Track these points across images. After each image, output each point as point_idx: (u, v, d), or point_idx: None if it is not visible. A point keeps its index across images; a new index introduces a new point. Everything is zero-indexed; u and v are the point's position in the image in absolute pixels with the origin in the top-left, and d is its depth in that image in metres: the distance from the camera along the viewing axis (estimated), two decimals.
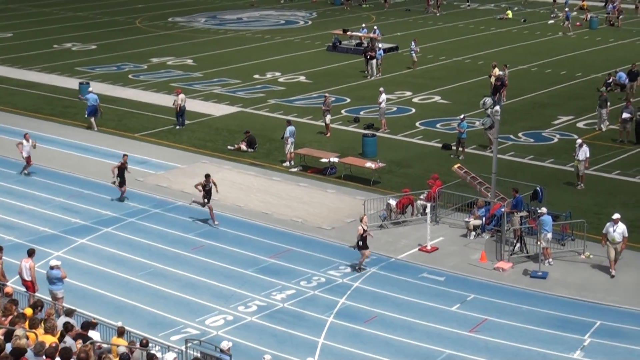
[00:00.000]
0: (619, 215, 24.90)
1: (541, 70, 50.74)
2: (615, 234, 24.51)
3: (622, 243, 24.64)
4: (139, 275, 25.07)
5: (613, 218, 24.83)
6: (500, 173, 29.18)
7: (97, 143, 37.19)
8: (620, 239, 24.57)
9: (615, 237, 24.50)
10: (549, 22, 67.76)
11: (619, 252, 24.68)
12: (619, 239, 24.53)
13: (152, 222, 29.04)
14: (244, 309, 23.01)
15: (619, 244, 24.57)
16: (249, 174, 33.40)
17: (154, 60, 54.21)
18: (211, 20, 70.18)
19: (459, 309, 22.98)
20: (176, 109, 39.43)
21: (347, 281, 24.59)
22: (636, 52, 55.23)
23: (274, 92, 45.98)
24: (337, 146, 36.22)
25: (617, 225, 24.62)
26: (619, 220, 24.75)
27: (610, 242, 24.56)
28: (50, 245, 27.01)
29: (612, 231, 24.55)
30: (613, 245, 24.55)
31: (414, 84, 47.31)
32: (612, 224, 24.69)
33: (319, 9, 76.10)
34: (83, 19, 70.98)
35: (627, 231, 24.73)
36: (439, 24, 67.58)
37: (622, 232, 24.62)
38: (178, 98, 39.31)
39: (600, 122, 38.38)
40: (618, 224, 24.65)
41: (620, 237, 24.55)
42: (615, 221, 24.70)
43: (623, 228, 24.66)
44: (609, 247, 24.61)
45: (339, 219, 28.88)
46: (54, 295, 21.98)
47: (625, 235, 24.65)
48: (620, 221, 24.75)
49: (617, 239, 24.50)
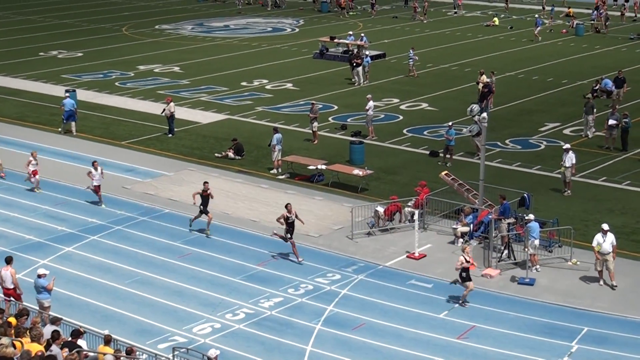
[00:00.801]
0: (606, 226, 24.71)
1: (528, 77, 50.91)
2: (606, 244, 24.29)
3: (612, 253, 24.40)
4: (126, 283, 24.95)
5: (603, 229, 24.64)
6: (488, 180, 29.21)
7: (84, 151, 37.06)
8: (610, 249, 24.35)
9: (605, 247, 24.27)
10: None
11: (611, 262, 24.33)
12: (609, 249, 24.31)
13: (139, 229, 28.93)
14: (231, 317, 22.93)
15: (609, 254, 24.31)
16: (237, 182, 33.34)
17: (140, 68, 54.12)
18: (198, 28, 70.15)
19: (447, 316, 22.97)
20: (167, 116, 39.36)
21: (335, 288, 24.55)
22: (622, 59, 55.53)
23: (261, 100, 45.97)
24: (324, 153, 36.20)
25: (606, 236, 24.40)
26: (608, 231, 24.53)
27: (600, 253, 24.30)
28: (36, 253, 26.86)
29: (602, 242, 24.30)
30: (603, 257, 24.30)
31: (402, 91, 47.37)
32: (602, 234, 24.45)
33: (306, 16, 76.20)
34: (69, 26, 70.84)
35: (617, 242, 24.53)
36: (425, 31, 67.76)
37: (612, 242, 24.41)
38: (169, 106, 39.23)
39: (587, 129, 38.52)
40: (607, 234, 24.45)
41: (609, 247, 24.34)
42: (605, 232, 24.48)
43: (612, 238, 24.41)
44: (598, 259, 24.35)
45: (326, 226, 28.84)
46: (41, 304, 21.83)
47: (614, 244, 24.47)
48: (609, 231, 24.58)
49: (608, 250, 24.29)
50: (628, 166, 34.69)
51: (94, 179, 30.56)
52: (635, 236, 27.82)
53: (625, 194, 31.80)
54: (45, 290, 21.87)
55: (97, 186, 30.70)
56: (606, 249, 24.30)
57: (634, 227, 28.57)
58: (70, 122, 39.96)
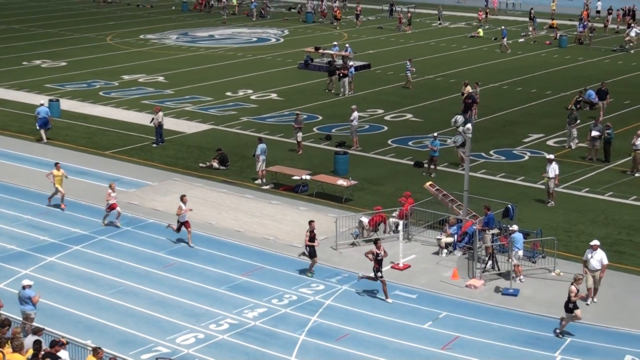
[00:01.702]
0: (597, 242, 24.17)
1: (512, 89, 51.14)
2: (593, 260, 23.81)
3: (601, 271, 23.88)
4: (109, 293, 24.82)
5: (591, 244, 24.12)
6: (472, 191, 29.28)
7: (67, 160, 36.84)
8: (599, 267, 23.82)
9: (593, 264, 23.86)
10: (519, 41, 68.38)
11: (597, 280, 23.90)
12: (597, 266, 23.79)
13: (123, 239, 28.80)
14: (215, 327, 22.84)
15: (597, 271, 23.85)
16: (221, 192, 33.27)
17: (125, 78, 54.01)
18: (183, 38, 70.10)
19: (431, 327, 22.97)
20: (155, 126, 39.27)
21: (319, 299, 24.50)
22: (605, 70, 55.91)
23: (246, 110, 45.94)
24: (309, 164, 36.19)
25: (596, 252, 23.86)
26: (598, 247, 23.98)
27: (589, 269, 23.92)
28: (18, 263, 26.68)
29: (590, 258, 23.90)
30: (592, 273, 23.92)
31: (386, 102, 47.46)
32: (591, 250, 23.93)
33: (291, 26, 76.29)
34: (53, 35, 70.65)
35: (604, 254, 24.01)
36: (410, 41, 67.98)
37: (601, 260, 23.82)
38: (158, 116, 39.14)
39: (570, 140, 38.69)
40: (597, 250, 23.89)
41: (598, 264, 23.80)
42: (594, 248, 23.92)
43: (602, 255, 23.87)
44: (587, 275, 23.90)
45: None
46: (26, 316, 21.59)
47: (605, 263, 23.87)
48: (600, 247, 24.02)
49: (595, 267, 23.82)
50: (611, 177, 34.87)
51: (182, 213, 28.12)
52: (617, 247, 27.93)
53: (608, 204, 31.95)
54: (31, 302, 21.68)
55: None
56: (594, 265, 23.83)
57: (616, 238, 28.69)
58: (45, 129, 40.27)
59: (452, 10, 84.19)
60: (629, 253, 27.51)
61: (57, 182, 31.25)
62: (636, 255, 27.39)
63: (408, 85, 50.80)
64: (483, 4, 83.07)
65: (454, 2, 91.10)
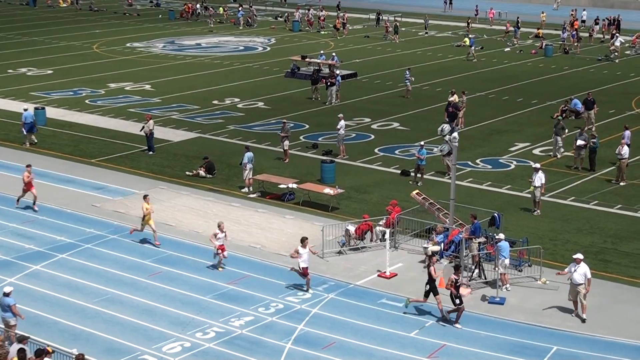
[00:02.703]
0: (580, 256, 23.83)
1: (498, 97, 51.34)
2: (577, 274, 23.44)
3: (587, 285, 23.37)
4: (95, 301, 24.72)
5: (574, 257, 23.80)
6: (459, 199, 29.35)
7: (53, 168, 36.80)
8: (582, 281, 23.39)
9: (576, 277, 23.48)
10: (505, 50, 68.66)
11: (583, 295, 23.43)
12: (579, 280, 23.39)
13: (109, 248, 28.70)
14: (201, 336, 22.78)
15: (580, 285, 23.45)
16: (208, 200, 33.22)
17: (111, 86, 53.92)
18: (169, 46, 70.06)
19: (418, 335, 22.98)
20: (146, 134, 39.20)
21: (306, 307, 24.48)
22: (590, 80, 56.21)
23: (232, 118, 45.93)
24: (295, 172, 36.20)
25: (579, 266, 23.49)
26: (582, 261, 23.61)
27: (572, 283, 23.65)
28: (3, 271, 26.54)
29: (573, 271, 23.56)
30: (575, 287, 23.57)
31: (373, 111, 47.54)
32: (574, 264, 23.60)
33: (278, 35, 76.37)
34: (39, 43, 70.47)
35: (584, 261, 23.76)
36: (397, 51, 68.15)
37: (584, 274, 23.41)
38: (149, 124, 39.07)
39: (556, 150, 38.84)
40: (580, 264, 23.52)
41: (581, 278, 23.38)
42: (577, 261, 23.57)
43: (585, 269, 23.50)
44: (570, 288, 23.72)
45: (297, 245, 28.71)
46: (6, 323, 21.54)
47: (588, 277, 23.43)
48: (583, 261, 23.67)
49: (578, 280, 23.43)
50: (596, 186, 35.01)
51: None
52: (602, 256, 28.03)
53: (593, 213, 32.07)
54: (11, 309, 21.57)
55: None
56: (577, 279, 23.50)
57: (601, 247, 28.80)
58: (32, 132, 40.57)
59: (438, 20, 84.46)
60: (614, 262, 27.62)
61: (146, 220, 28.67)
62: (621, 263, 27.51)
63: (407, 95, 50.69)
64: (473, 14, 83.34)
65: (441, 12, 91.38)
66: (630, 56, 66.77)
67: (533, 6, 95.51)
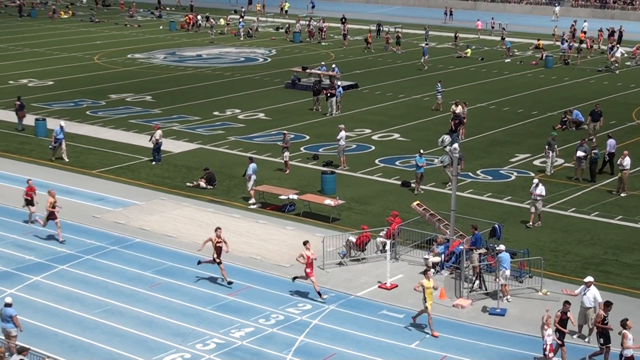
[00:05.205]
0: (591, 279, 23.49)
1: (499, 108, 51.38)
2: (586, 297, 23.07)
3: (599, 310, 22.19)
4: (95, 313, 24.69)
5: (585, 281, 23.39)
6: (459, 210, 29.34)
7: (54, 180, 36.77)
8: (591, 305, 22.94)
9: (585, 301, 23.07)
10: (505, 61, 68.75)
11: (591, 320, 22.85)
12: (588, 303, 23.00)
13: (109, 259, 28.69)
14: (202, 347, 22.75)
15: (590, 309, 23.00)
16: (208, 211, 33.20)
17: (112, 97, 53.97)
18: (170, 57, 70.14)
19: (418, 346, 22.94)
20: (153, 144, 39.24)
21: (306, 319, 24.44)
22: (591, 91, 56.27)
23: (233, 129, 45.95)
24: (296, 183, 36.20)
25: (589, 289, 23.11)
26: (592, 284, 23.20)
27: (581, 306, 23.21)
28: (3, 282, 26.53)
29: (583, 295, 23.16)
30: (585, 311, 23.16)
31: (374, 122, 47.57)
32: (585, 287, 23.22)
33: (278, 46, 76.47)
34: (40, 54, 70.55)
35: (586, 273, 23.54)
36: (398, 61, 68.22)
37: (595, 297, 22.92)
38: (156, 134, 39.12)
39: (550, 167, 37.65)
40: (590, 287, 23.13)
41: (590, 302, 22.97)
42: (588, 284, 23.20)
43: (594, 293, 23.06)
44: (580, 311, 23.27)
45: (299, 251, 28.69)
46: (7, 334, 21.54)
47: (600, 301, 22.60)
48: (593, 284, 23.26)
49: (587, 304, 23.02)
50: (596, 197, 35.00)
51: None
52: (603, 267, 28.00)
53: (594, 224, 32.05)
54: (12, 320, 21.57)
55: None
56: (586, 303, 23.14)
57: (602, 258, 28.78)
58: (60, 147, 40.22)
59: (439, 31, 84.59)
60: (615, 273, 27.59)
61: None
62: (622, 275, 27.48)
63: (439, 108, 49.97)
64: (474, 25, 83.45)
65: (441, 23, 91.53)
66: (630, 67, 66.86)
67: (534, 17, 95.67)
